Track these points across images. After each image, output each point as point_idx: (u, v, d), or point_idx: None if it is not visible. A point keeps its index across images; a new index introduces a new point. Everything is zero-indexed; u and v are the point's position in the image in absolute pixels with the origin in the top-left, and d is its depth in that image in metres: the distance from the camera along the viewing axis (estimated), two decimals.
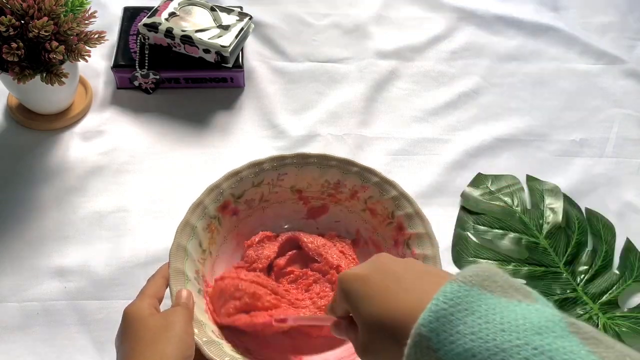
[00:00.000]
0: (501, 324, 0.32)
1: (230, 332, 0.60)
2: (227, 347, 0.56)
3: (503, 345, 0.31)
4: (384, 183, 0.66)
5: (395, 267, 0.41)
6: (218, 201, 0.65)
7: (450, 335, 0.32)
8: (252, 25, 0.86)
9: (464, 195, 0.77)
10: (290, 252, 0.67)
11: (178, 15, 0.83)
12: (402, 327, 0.36)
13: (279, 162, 0.67)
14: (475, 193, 0.77)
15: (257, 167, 0.67)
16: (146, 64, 0.82)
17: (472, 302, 0.33)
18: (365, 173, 0.67)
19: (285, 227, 0.70)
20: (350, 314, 0.43)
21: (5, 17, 0.65)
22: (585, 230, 0.74)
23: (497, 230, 0.74)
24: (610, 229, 0.74)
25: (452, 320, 0.33)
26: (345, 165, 0.68)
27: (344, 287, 0.43)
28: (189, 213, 0.63)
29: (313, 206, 0.70)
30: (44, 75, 0.69)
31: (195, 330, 0.55)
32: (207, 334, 0.55)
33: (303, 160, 0.68)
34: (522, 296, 0.34)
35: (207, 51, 0.80)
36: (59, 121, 0.79)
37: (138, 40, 0.83)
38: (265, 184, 0.68)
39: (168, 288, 0.57)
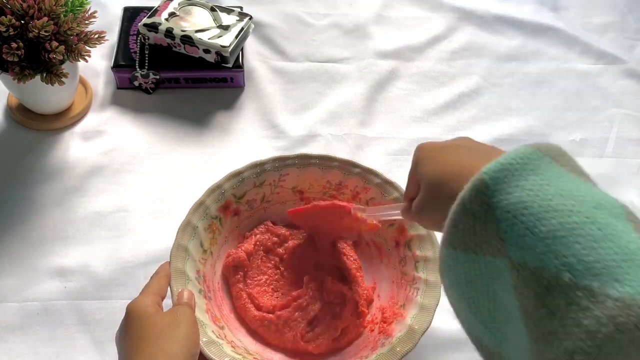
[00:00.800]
0: (561, 190, 0.32)
1: (230, 333, 0.60)
2: (227, 348, 0.56)
3: (557, 207, 0.31)
4: (386, 184, 0.66)
5: (474, 144, 0.43)
6: (219, 201, 0.65)
7: (508, 186, 0.33)
8: (252, 25, 0.86)
9: None
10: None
11: (178, 16, 0.83)
12: (464, 181, 0.35)
13: (281, 163, 0.67)
14: None
15: (258, 167, 0.67)
16: (146, 64, 0.82)
17: (540, 166, 0.34)
18: (367, 174, 0.67)
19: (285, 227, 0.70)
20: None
21: (5, 17, 0.65)
22: None
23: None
24: None
25: (516, 175, 0.33)
26: (347, 166, 0.68)
27: (417, 153, 0.45)
28: (190, 213, 0.63)
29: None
30: (44, 75, 0.69)
31: None
32: (207, 334, 0.55)
33: (305, 161, 0.68)
34: (590, 180, 0.35)
35: (207, 51, 0.80)
36: (59, 121, 0.79)
37: (138, 40, 0.83)
38: (267, 185, 0.68)
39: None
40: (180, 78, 0.84)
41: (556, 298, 0.30)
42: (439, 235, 0.63)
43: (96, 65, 0.86)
